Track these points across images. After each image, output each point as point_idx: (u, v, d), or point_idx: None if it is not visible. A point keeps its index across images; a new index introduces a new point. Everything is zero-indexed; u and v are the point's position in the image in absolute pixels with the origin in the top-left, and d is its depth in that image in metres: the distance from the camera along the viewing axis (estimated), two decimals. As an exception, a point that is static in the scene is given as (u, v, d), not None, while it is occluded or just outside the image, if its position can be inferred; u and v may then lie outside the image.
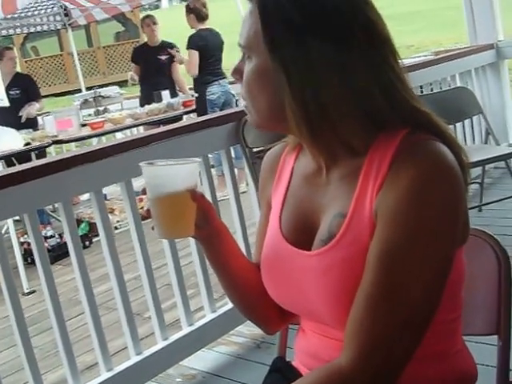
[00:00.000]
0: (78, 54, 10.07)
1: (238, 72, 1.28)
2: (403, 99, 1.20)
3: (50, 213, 6.69)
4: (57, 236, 5.86)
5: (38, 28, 10.11)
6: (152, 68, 7.68)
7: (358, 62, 1.16)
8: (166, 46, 7.71)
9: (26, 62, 23.12)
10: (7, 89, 6.55)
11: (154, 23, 7.79)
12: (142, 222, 3.06)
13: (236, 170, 3.77)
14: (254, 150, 3.19)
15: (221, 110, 6.89)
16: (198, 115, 6.97)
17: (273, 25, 1.18)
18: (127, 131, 7.67)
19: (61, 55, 23.67)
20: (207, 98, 6.97)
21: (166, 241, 3.10)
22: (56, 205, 5.13)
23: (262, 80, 1.23)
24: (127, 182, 2.98)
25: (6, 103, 5.37)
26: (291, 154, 1.41)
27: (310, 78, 1.16)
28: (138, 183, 4.30)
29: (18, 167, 2.93)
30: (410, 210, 1.12)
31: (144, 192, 6.64)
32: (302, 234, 1.30)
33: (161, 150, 2.99)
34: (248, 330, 3.45)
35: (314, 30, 1.15)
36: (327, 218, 1.25)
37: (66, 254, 5.19)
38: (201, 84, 7.07)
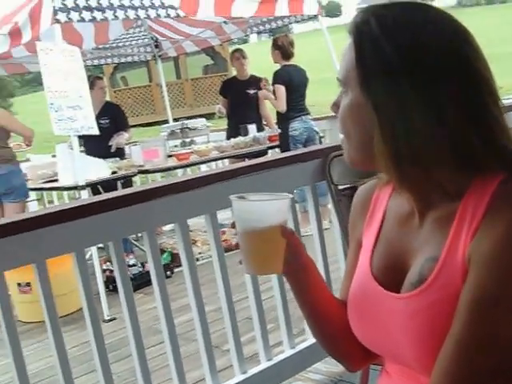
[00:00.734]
0: (167, 86, 10.22)
1: (336, 106, 1.28)
2: (501, 142, 1.16)
3: (133, 242, 6.79)
4: (139, 265, 5.94)
5: (129, 59, 10.30)
6: (240, 101, 7.75)
7: (454, 103, 1.13)
8: (255, 81, 7.78)
9: (115, 91, 23.69)
10: (97, 118, 6.71)
11: (244, 57, 7.88)
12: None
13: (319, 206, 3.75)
14: (340, 187, 3.16)
15: (304, 146, 6.90)
16: (281, 150, 6.99)
17: (367, 61, 1.17)
18: (212, 163, 7.75)
19: (149, 86, 24.17)
20: (290, 133, 7.00)
21: (247, 274, 3.10)
22: (140, 234, 5.21)
23: (354, 115, 1.22)
24: (212, 214, 3.00)
25: (96, 132, 5.49)
26: (385, 192, 1.39)
27: (401, 119, 1.14)
28: (221, 215, 4.33)
29: (107, 195, 2.98)
30: (504, 257, 1.08)
31: (233, 225, 6.67)
32: (391, 275, 1.28)
33: (246, 184, 3.00)
34: (325, 367, 3.41)
35: (409, 71, 1.14)
36: (418, 261, 1.22)
37: (148, 283, 5.27)
38: (284, 119, 7.11)
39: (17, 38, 5.89)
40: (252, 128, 7.42)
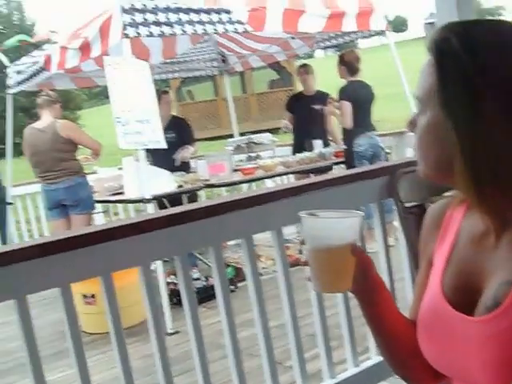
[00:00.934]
0: (232, 100, 10.27)
1: (412, 124, 1.27)
2: None
3: (198, 255, 6.82)
4: (202, 278, 5.96)
5: (196, 73, 10.40)
6: (306, 117, 7.74)
7: None
8: (321, 96, 7.76)
9: (181, 105, 23.95)
10: (163, 131, 6.77)
11: (310, 72, 7.88)
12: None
13: (385, 223, 3.71)
14: (407, 205, 3.12)
15: (369, 162, 6.85)
16: (347, 167, 6.96)
17: (449, 82, 1.15)
18: (277, 178, 7.74)
19: (215, 100, 24.37)
20: (355, 149, 6.96)
21: (316, 291, 3.08)
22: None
23: (432, 134, 1.20)
24: (278, 230, 2.99)
25: (163, 145, 5.54)
26: (458, 211, 1.36)
27: (482, 142, 1.12)
28: (285, 230, 4.31)
29: (174, 210, 2.99)
30: None
31: (303, 242, 6.64)
32: (463, 296, 1.25)
33: (312, 201, 2.99)
34: (390, 387, 3.36)
35: (492, 96, 1.11)
36: (493, 283, 1.19)
37: (210, 297, 5.29)
38: (349, 135, 7.07)
39: (86, 52, 6.00)
40: (318, 143, 7.40)
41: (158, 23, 5.64)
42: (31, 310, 2.36)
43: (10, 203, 9.16)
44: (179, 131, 7.32)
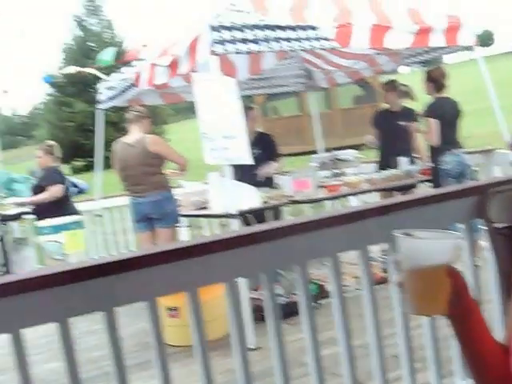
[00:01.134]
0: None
1: None
2: None
3: (280, 271, 6.82)
4: (285, 295, 5.96)
5: (281, 89, 10.43)
6: (391, 133, 7.68)
7: None
8: (407, 112, 7.69)
9: (265, 121, 24.04)
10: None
11: (395, 88, 7.82)
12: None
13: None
14: (497, 225, 3.06)
15: (456, 180, 6.74)
16: (434, 185, 6.86)
17: None
18: (361, 195, 7.70)
19: (299, 116, 24.38)
20: (441, 167, 6.86)
21: (397, 308, 3.05)
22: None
23: None
24: (364, 249, 2.97)
25: (250, 161, 5.57)
26: None
27: None
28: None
29: (262, 227, 2.99)
30: None
31: (393, 262, 6.57)
32: None
33: (399, 220, 2.95)
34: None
35: None
36: None
37: (293, 314, 5.27)
38: (436, 153, 6.98)
39: (175, 68, 6.10)
40: (403, 161, 7.32)
41: (245, 40, 5.70)
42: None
43: (99, 215, 9.38)
44: (265, 147, 7.34)
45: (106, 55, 9.36)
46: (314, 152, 9.58)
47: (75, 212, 8.19)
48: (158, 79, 6.45)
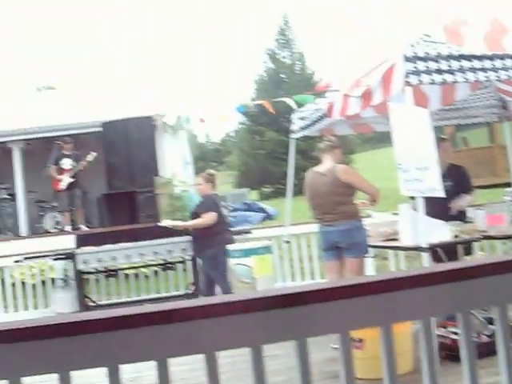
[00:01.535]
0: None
1: None
2: None
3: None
4: (474, 335, 5.77)
5: (473, 120, 10.16)
6: None
7: None
8: None
9: (454, 152, 23.52)
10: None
11: None
12: None
13: None
14: None
15: None
16: None
17: None
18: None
19: (490, 147, 23.67)
20: None
21: None
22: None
23: None
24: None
25: (441, 194, 5.47)
26: None
27: None
28: None
29: (458, 264, 2.92)
30: None
31: None
32: None
33: None
34: None
35: None
36: None
37: (482, 355, 5.07)
38: None
39: (368, 99, 6.12)
40: None
41: (439, 71, 5.64)
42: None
43: (287, 242, 9.53)
44: (457, 179, 7.16)
45: (304, 100, 9.65)
46: (505, 185, 9.26)
47: (231, 241, 8.37)
48: (350, 110, 6.50)
